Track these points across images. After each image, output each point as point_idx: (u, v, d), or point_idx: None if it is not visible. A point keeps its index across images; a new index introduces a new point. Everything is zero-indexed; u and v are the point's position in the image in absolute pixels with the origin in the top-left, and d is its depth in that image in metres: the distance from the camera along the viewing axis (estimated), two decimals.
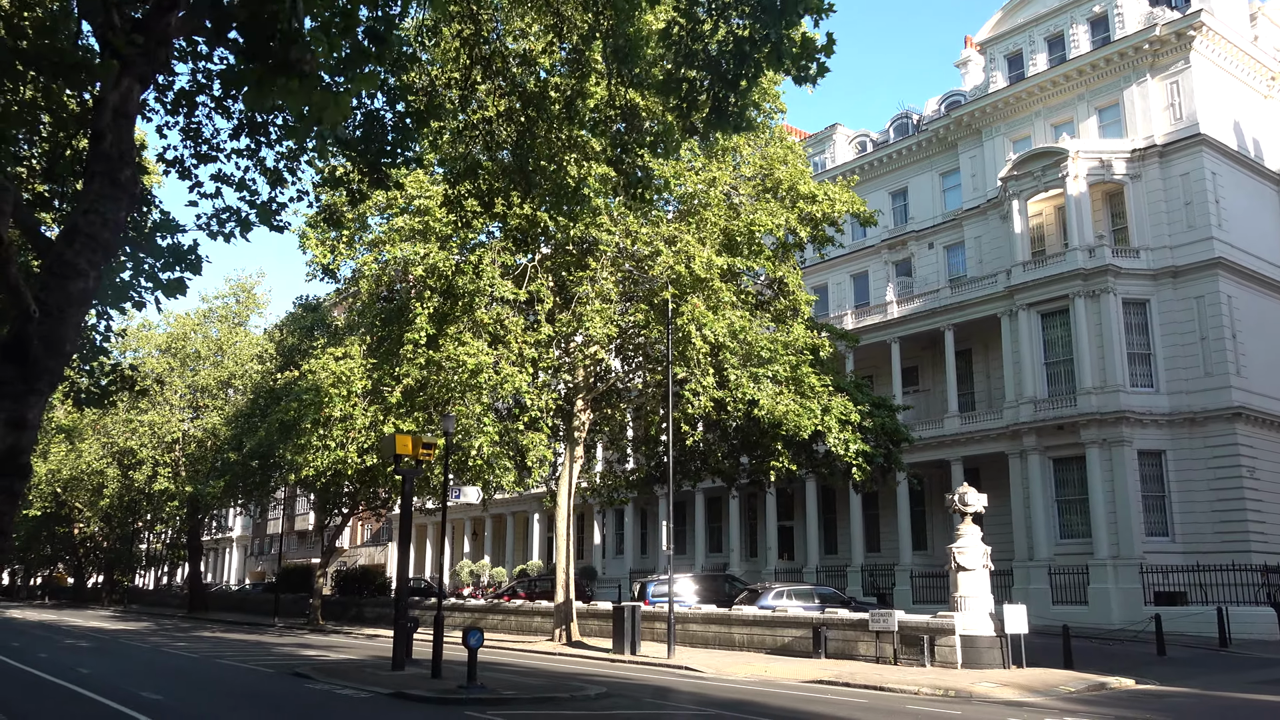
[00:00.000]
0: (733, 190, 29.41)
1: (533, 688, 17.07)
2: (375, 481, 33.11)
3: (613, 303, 28.06)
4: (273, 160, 14.24)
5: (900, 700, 17.49)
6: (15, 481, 9.42)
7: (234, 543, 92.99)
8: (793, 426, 26.90)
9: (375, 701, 15.74)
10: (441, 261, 26.95)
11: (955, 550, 22.68)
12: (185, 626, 43.64)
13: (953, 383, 38.47)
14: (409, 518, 20.60)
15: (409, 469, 20.61)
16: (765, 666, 23.09)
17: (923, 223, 43.36)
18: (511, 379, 26.05)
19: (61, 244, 10.02)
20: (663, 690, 18.05)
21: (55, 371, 9.74)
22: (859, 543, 40.48)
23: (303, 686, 17.82)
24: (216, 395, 54.32)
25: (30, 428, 9.49)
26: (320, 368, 28.64)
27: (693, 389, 27.72)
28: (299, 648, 29.82)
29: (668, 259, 27.06)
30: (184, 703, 15.53)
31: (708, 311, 27.07)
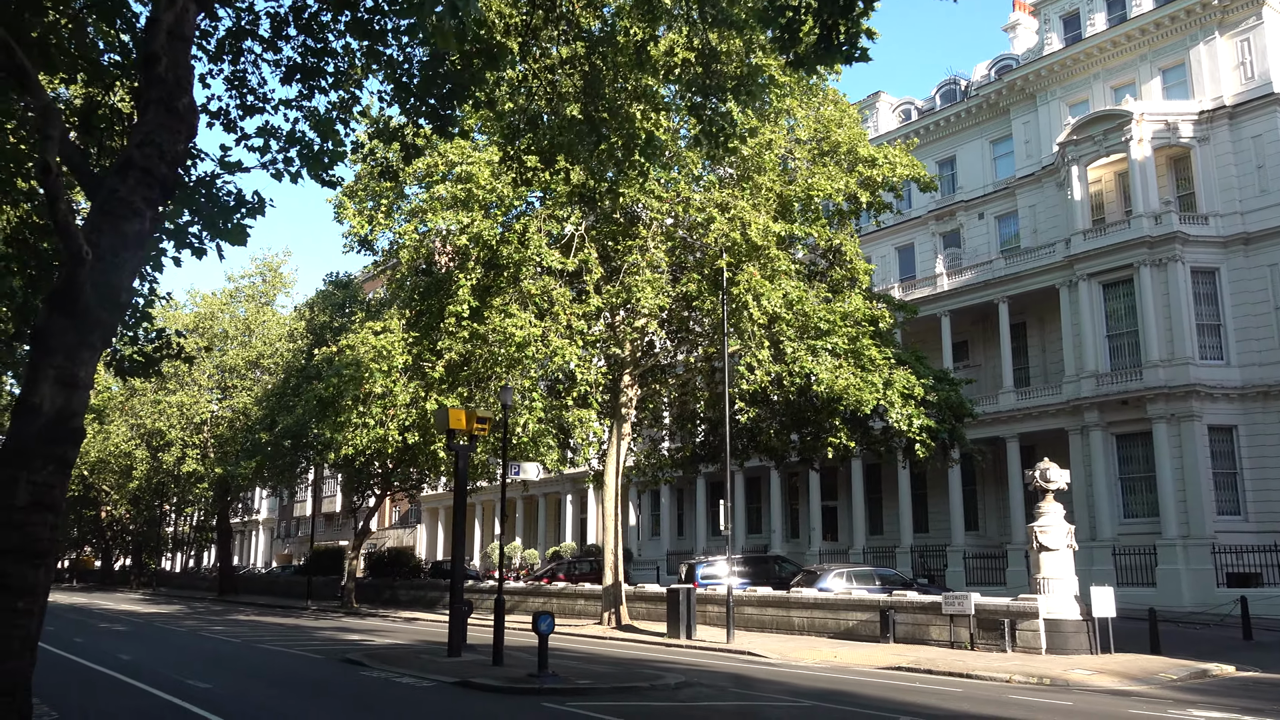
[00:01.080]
0: (787, 154, 28.08)
1: (606, 675, 15.97)
2: (414, 461, 32.07)
3: (662, 273, 26.84)
4: (324, 108, 13.14)
5: (995, 689, 16.30)
6: (68, 449, 8.29)
7: (260, 526, 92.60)
8: (853, 401, 25.67)
9: (441, 691, 14.68)
10: (486, 230, 25.76)
11: (1037, 529, 21.41)
12: (217, 610, 42.91)
13: (1007, 357, 37.07)
14: (464, 496, 19.52)
15: (463, 445, 19.50)
16: (833, 652, 21.95)
17: (972, 192, 41.84)
18: (562, 351, 24.89)
19: (114, 179, 8.85)
20: (741, 679, 16.91)
21: (109, 324, 8.60)
22: (907, 523, 39.22)
23: (358, 674, 16.79)
24: (244, 375, 53.49)
25: (82, 387, 8.35)
26: (359, 342, 27.56)
27: (748, 363, 26.52)
28: (339, 632, 28.90)
29: (721, 226, 25.80)
30: (237, 692, 14.52)
31: (764, 281, 25.83)
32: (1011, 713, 13.37)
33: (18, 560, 7.60)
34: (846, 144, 27.80)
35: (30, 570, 7.65)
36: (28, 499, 7.74)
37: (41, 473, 7.81)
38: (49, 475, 7.88)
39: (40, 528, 7.79)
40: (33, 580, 7.66)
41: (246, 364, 52.95)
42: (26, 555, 7.64)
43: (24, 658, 7.62)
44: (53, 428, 7.85)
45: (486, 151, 27.06)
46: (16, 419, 7.91)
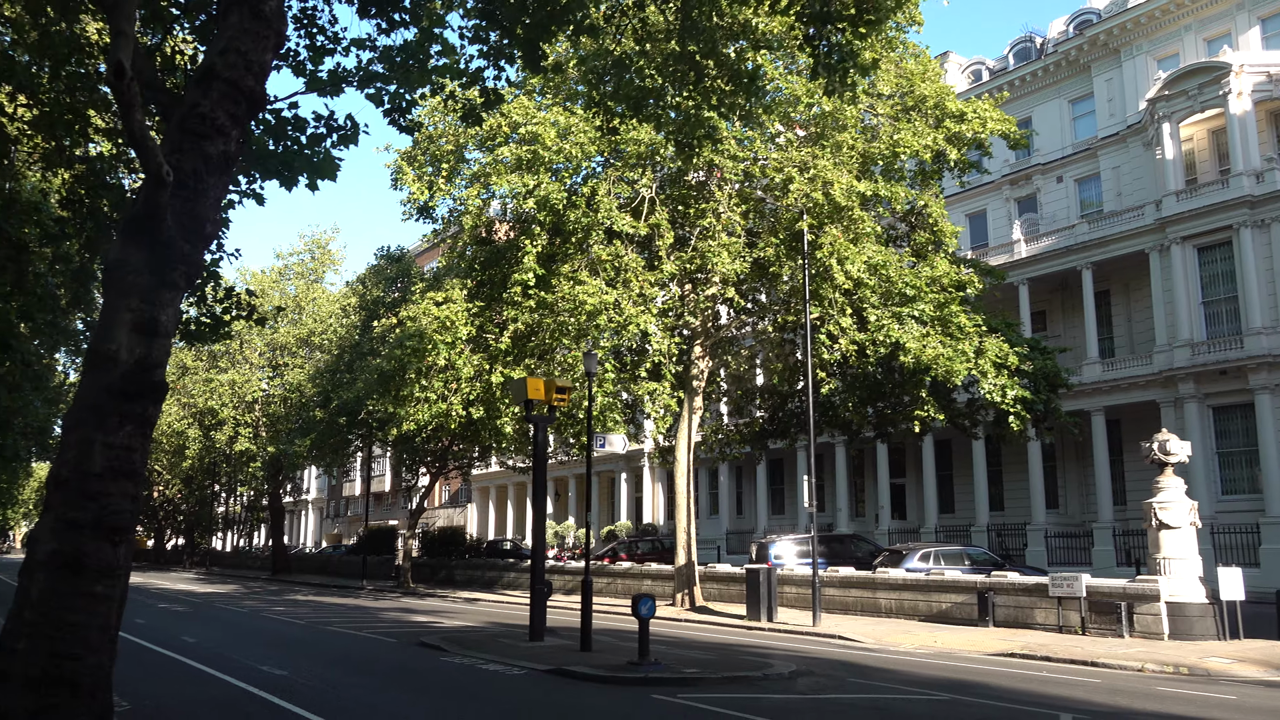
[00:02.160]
0: (869, 110, 26.48)
1: (709, 664, 14.71)
2: (476, 436, 30.99)
3: (738, 237, 25.43)
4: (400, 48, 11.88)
5: (1133, 680, 14.84)
6: (149, 406, 7.08)
7: (310, 505, 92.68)
8: (944, 372, 24.14)
9: (536, 680, 13.51)
10: (554, 193, 24.48)
11: (1156, 506, 19.82)
12: (273, 589, 42.36)
13: (1092, 326, 35.20)
14: (543, 469, 18.33)
15: (542, 416, 18.29)
16: (932, 636, 20.56)
17: (1049, 155, 39.82)
18: (635, 320, 23.60)
19: (195, 92, 7.60)
20: (852, 667, 15.59)
21: (193, 261, 7.39)
22: (983, 500, 37.59)
23: (439, 660, 15.70)
24: (295, 353, 52.85)
25: (163, 334, 7.13)
26: (421, 313, 26.45)
27: (829, 331, 25.07)
28: (403, 613, 27.98)
29: (801, 186, 24.32)
30: (318, 680, 13.46)
31: (848, 244, 24.33)
32: (1177, 708, 11.95)
33: (95, 536, 6.45)
34: (933, 98, 26.11)
35: (109, 548, 6.50)
36: (104, 465, 6.59)
37: (119, 434, 6.65)
38: (127, 437, 6.72)
39: (119, 498, 6.63)
40: (111, 560, 6.51)
41: (297, 341, 52.28)
42: (104, 531, 6.49)
43: (104, 651, 6.48)
44: (131, 381, 6.68)
45: (551, 112, 25.76)
46: (89, 372, 6.75)
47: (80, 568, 6.31)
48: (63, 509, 6.40)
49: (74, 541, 6.34)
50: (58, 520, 6.39)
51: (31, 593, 6.28)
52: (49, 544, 6.34)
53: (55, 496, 6.46)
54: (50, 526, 6.39)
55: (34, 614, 6.23)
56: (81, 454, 6.49)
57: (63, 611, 6.26)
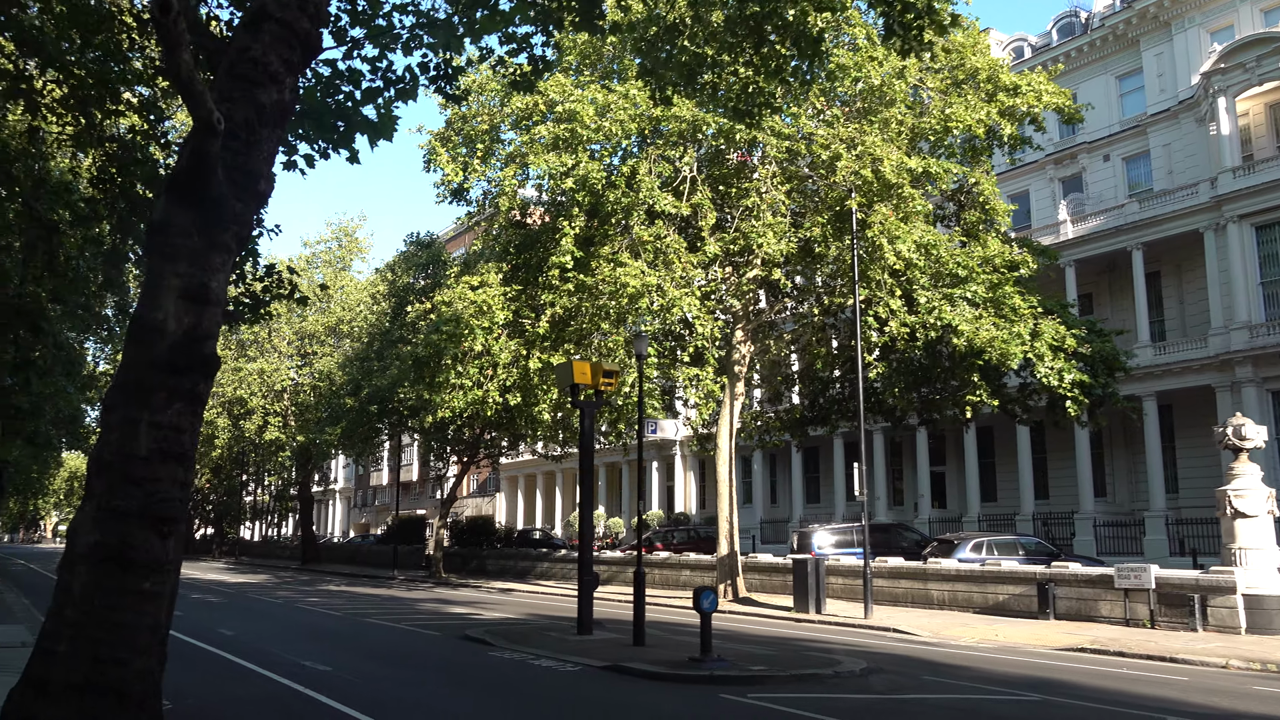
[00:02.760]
0: (918, 84, 25.52)
1: (775, 660, 13.97)
2: (512, 424, 30.35)
3: (783, 216, 24.60)
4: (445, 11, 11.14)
5: (1221, 678, 14.00)
6: (199, 381, 6.38)
7: (337, 495, 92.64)
8: (998, 355, 23.24)
9: (592, 678, 12.83)
10: (594, 172, 23.73)
11: (1231, 493, 18.90)
12: (304, 579, 42.00)
13: (1143, 309, 34.11)
14: (590, 457, 17.62)
15: (589, 401, 17.58)
16: (992, 630, 19.76)
17: (1095, 133, 38.62)
18: (678, 302, 22.85)
19: (245, 36, 6.85)
20: (923, 663, 14.82)
21: (244, 221, 6.68)
22: (1027, 489, 36.62)
23: (487, 655, 15.06)
24: (324, 341, 52.45)
25: (214, 302, 6.42)
26: (457, 297, 25.79)
27: (878, 314, 24.23)
28: (439, 604, 27.43)
29: (849, 164, 23.46)
30: (364, 677, 12.84)
31: (899, 222, 23.46)
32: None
33: (141, 526, 5.77)
34: (985, 70, 25.13)
35: (157, 540, 5.82)
36: (150, 447, 5.91)
37: (166, 412, 5.97)
38: (175, 416, 6.03)
39: (167, 484, 5.95)
40: (160, 553, 5.83)
41: (326, 329, 51.87)
42: (151, 521, 5.81)
43: (153, 655, 5.80)
44: (179, 353, 5.99)
45: (589, 90, 25.00)
46: (133, 344, 6.06)
47: (126, 562, 5.64)
48: (106, 496, 5.73)
49: (119, 532, 5.67)
50: (100, 509, 5.72)
51: (73, 589, 5.63)
52: (91, 535, 5.68)
53: (97, 482, 5.79)
54: (92, 516, 5.72)
55: (76, 613, 5.58)
56: (125, 435, 5.82)
57: (107, 610, 5.60)
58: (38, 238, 14.27)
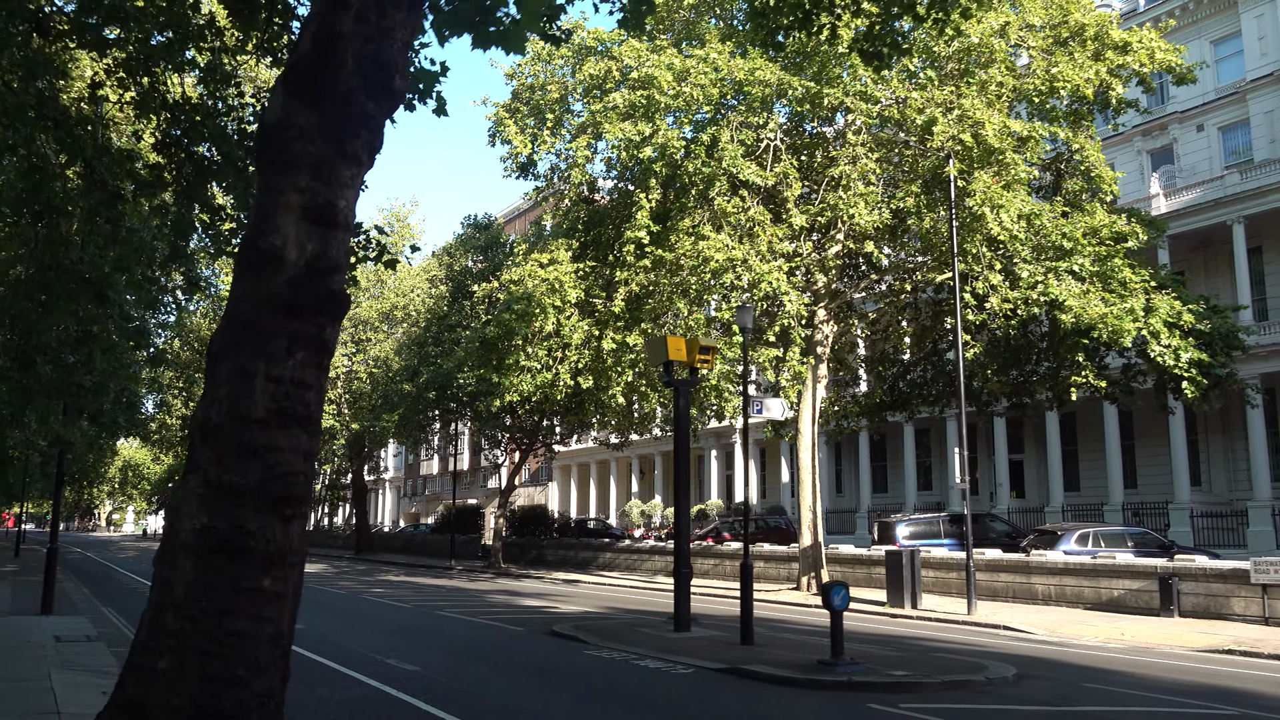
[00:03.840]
0: (1019, 43, 23.85)
1: (909, 662, 12.57)
2: (581, 409, 29.14)
3: (875, 185, 23.09)
4: None
5: None
6: (325, 324, 5.10)
7: (387, 484, 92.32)
8: (1111, 332, 21.57)
9: (711, 681, 11.53)
10: (673, 140, 22.39)
11: None
12: (361, 569, 41.21)
13: (1244, 286, 32.09)
14: (686, 440, 16.31)
15: (684, 379, 16.26)
16: (1115, 628, 18.18)
17: (1187, 102, 36.53)
18: (766, 277, 21.44)
19: None
20: (1072, 668, 13.34)
21: (376, 127, 5.29)
22: (1116, 477, 34.76)
23: (584, 654, 13.83)
24: (378, 328, 51.67)
25: (342, 226, 5.03)
26: (528, 275, 24.58)
27: (978, 289, 22.67)
28: (508, 596, 26.32)
29: (946, 128, 21.89)
30: (455, 678, 11.67)
31: (1002, 190, 21.86)
32: None
33: (259, 508, 4.51)
34: (1092, 26, 23.38)
35: (278, 525, 4.55)
36: (268, 407, 4.64)
37: (287, 364, 4.69)
38: (298, 368, 4.76)
39: (289, 454, 4.68)
40: (282, 541, 4.55)
41: (379, 316, 51.08)
42: (271, 501, 4.54)
43: (275, 672, 4.54)
44: (302, 289, 4.72)
45: (665, 55, 23.62)
46: (244, 277, 4.79)
47: (241, 553, 4.39)
48: (215, 468, 4.49)
49: (231, 515, 4.42)
50: (208, 485, 4.48)
51: (175, 589, 4.39)
52: (196, 518, 4.43)
53: (203, 452, 4.55)
54: (198, 494, 4.48)
55: (179, 619, 4.34)
56: (237, 392, 4.56)
57: (219, 616, 4.35)
58: (100, 203, 13.21)
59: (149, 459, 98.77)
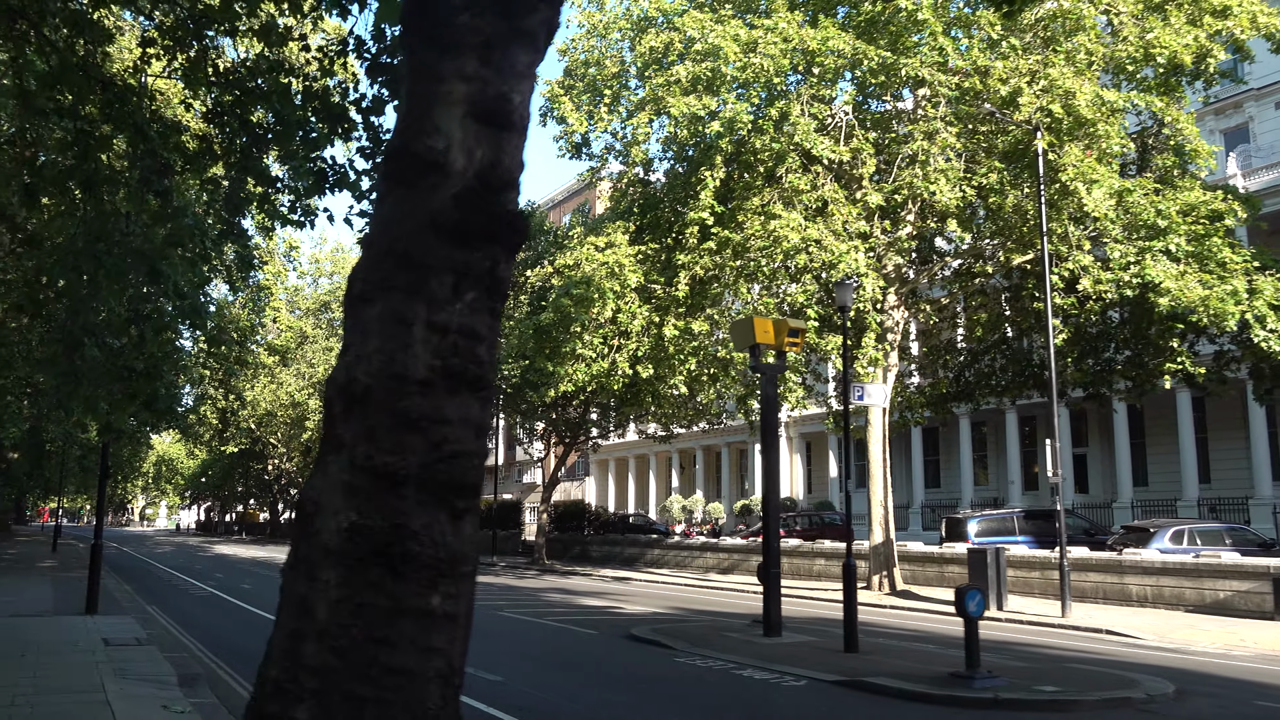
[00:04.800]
0: (1109, 8, 22.41)
1: (1052, 677, 11.27)
2: (637, 399, 27.97)
3: (954, 161, 21.76)
4: None
5: None
6: (499, 257, 3.69)
7: None
8: (1211, 316, 20.14)
9: (831, 695, 10.35)
10: (741, 114, 21.16)
11: None
12: None
13: None
14: (774, 429, 15.12)
15: (771, 364, 15.06)
16: (1232, 633, 16.83)
17: (1264, 78, 34.86)
18: (844, 258, 20.18)
19: None
20: (1223, 681, 12.03)
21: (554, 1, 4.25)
22: (1190, 471, 33.21)
23: (674, 662, 12.67)
24: None
25: (516, 128, 3.55)
26: (585, 258, 23.42)
27: (1067, 271, 21.32)
28: (563, 594, 25.24)
29: (1033, 99, 20.55)
30: (544, 689, 10.57)
31: (1095, 164, 20.47)
32: None
33: (423, 499, 3.33)
34: None
35: (447, 523, 3.33)
36: (431, 364, 3.37)
37: (454, 307, 3.41)
38: (468, 313, 3.49)
39: (459, 429, 3.44)
40: (454, 545, 3.31)
41: None
42: (439, 490, 3.34)
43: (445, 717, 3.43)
44: (472, 206, 3.53)
45: (730, 25, 22.39)
46: (394, 194, 3.52)
47: (404, 560, 3.21)
48: (364, 446, 3.30)
49: (388, 509, 3.23)
50: (355, 469, 3.29)
51: (316, 610, 3.21)
52: (343, 513, 3.24)
53: (348, 425, 3.36)
54: (343, 481, 3.29)
55: (323, 652, 3.17)
56: (391, 344, 3.37)
57: (376, 647, 3.17)
58: (152, 171, 12.16)
59: (183, 453, 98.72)
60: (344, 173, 10.88)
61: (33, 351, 27.62)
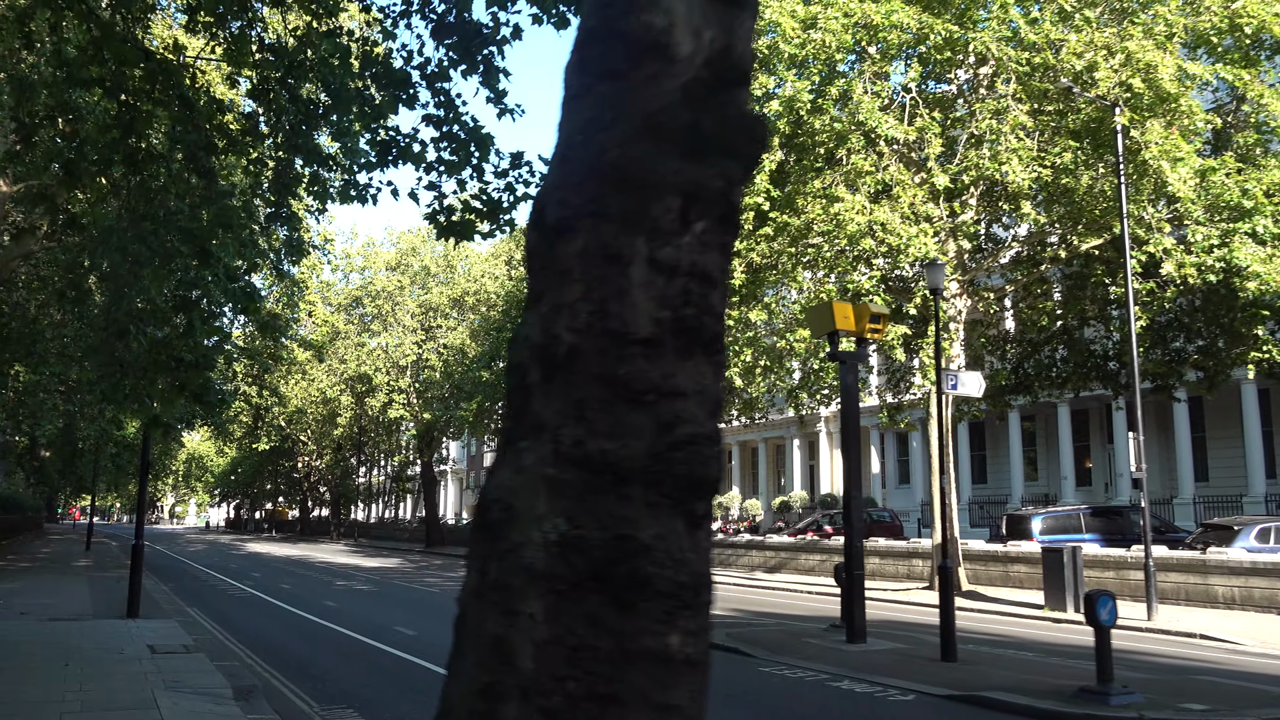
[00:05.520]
0: None
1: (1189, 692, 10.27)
2: None
3: (1026, 140, 20.70)
4: None
5: None
6: (734, 176, 3.06)
7: (449, 475, 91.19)
8: None
9: (948, 712, 9.40)
10: (802, 92, 20.20)
11: None
12: (439, 564, 39.60)
13: None
14: (855, 420, 14.16)
15: (852, 352, 14.10)
16: None
17: None
18: (914, 242, 19.18)
19: None
20: None
21: None
22: (1257, 466, 31.95)
23: (759, 670, 11.77)
24: (448, 314, 50.11)
25: (747, 7, 3.11)
26: None
27: (1147, 254, 20.23)
28: None
29: (1109, 73, 19.47)
30: None
31: (1181, 141, 19.37)
32: None
33: (653, 500, 2.36)
34: None
35: (685, 534, 2.49)
36: (656, 316, 2.41)
37: (682, 240, 2.48)
38: (698, 249, 2.48)
39: (693, 403, 2.55)
40: (693, 563, 2.42)
41: (450, 302, 49.48)
42: (676, 488, 2.44)
43: None
44: (705, 104, 2.67)
45: (786, 1, 21.42)
46: (595, 90, 2.65)
47: (634, 584, 2.29)
48: (574, 428, 2.37)
49: (609, 514, 2.31)
50: (560, 458, 2.37)
51: (517, 654, 2.28)
52: (549, 520, 2.32)
53: (549, 400, 2.43)
54: (543, 476, 2.36)
55: (529, 713, 2.26)
56: (601, 288, 2.43)
57: (600, 707, 2.26)
58: (199, 146, 11.36)
59: (213, 451, 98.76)
60: (408, 144, 10.02)
61: (67, 347, 27.08)
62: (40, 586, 22.36)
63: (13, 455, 47.70)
